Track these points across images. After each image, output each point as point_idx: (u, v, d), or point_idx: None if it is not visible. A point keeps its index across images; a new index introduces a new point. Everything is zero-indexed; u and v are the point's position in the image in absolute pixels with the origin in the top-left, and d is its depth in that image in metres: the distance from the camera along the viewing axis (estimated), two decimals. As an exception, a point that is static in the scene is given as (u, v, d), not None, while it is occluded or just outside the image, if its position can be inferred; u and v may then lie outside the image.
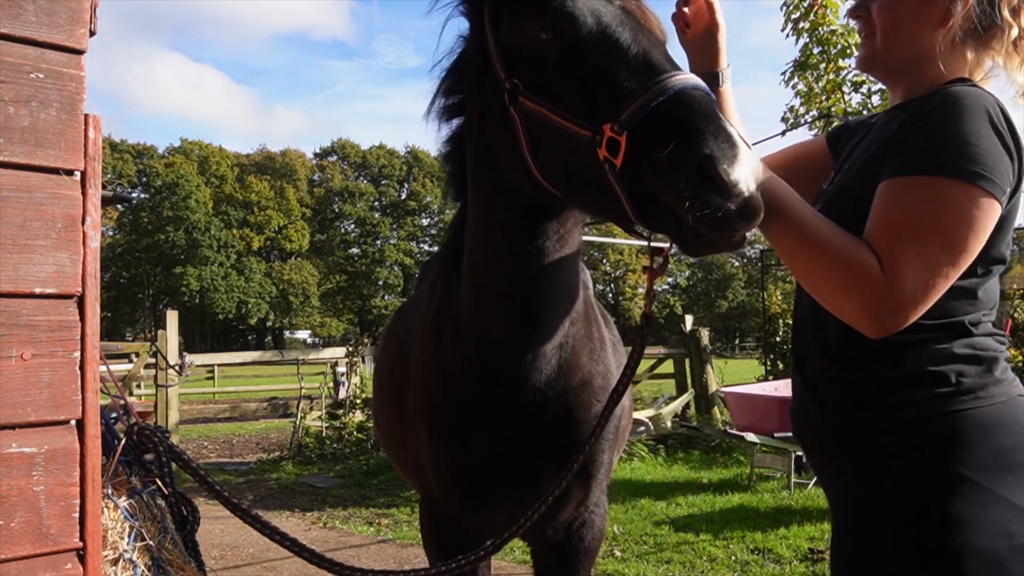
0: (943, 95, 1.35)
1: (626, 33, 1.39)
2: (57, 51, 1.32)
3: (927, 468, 1.34)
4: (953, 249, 1.27)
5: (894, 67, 1.50)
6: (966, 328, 1.37)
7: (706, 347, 10.68)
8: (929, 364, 1.36)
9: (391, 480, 8.07)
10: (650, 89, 1.28)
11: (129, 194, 51.54)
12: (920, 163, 1.30)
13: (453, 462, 1.93)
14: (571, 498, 2.00)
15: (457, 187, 1.89)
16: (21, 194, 1.28)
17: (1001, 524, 1.30)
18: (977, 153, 1.27)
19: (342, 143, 69.33)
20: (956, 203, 1.27)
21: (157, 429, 1.64)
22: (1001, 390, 1.37)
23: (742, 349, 43.01)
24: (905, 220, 1.28)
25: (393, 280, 66.13)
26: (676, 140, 1.21)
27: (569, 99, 1.41)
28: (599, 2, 1.43)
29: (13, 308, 1.27)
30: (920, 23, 1.42)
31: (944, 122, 1.31)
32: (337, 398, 10.75)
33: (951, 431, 1.34)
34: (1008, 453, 1.33)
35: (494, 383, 1.84)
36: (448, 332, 1.93)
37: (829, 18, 8.93)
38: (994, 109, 1.31)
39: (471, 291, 1.82)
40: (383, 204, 68.41)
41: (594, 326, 2.03)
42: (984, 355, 1.37)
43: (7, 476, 1.25)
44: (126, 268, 59.94)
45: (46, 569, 1.28)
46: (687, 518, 6.20)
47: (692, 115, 1.23)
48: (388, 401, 2.44)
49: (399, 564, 5.30)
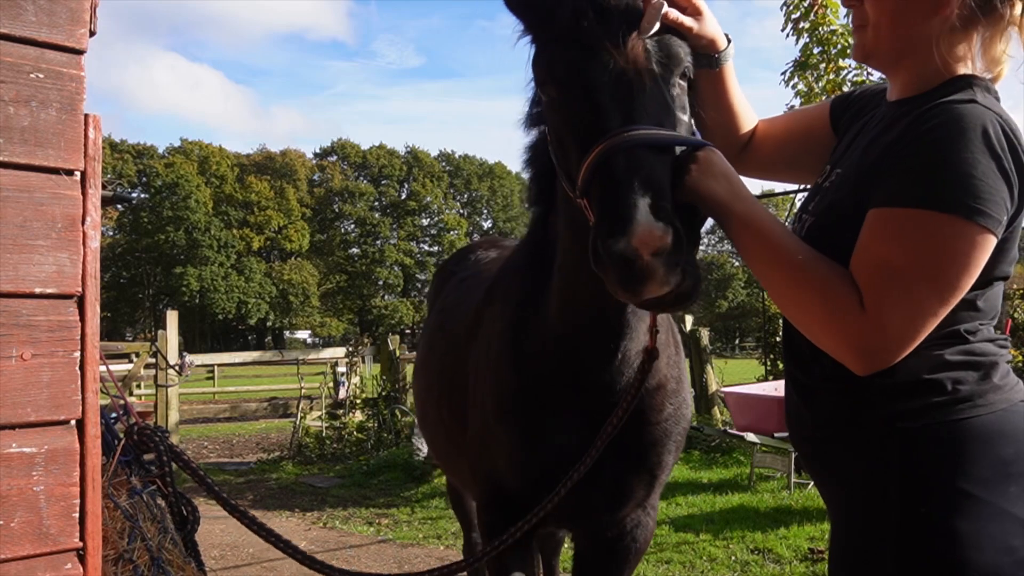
0: (943, 114, 1.27)
1: (591, 96, 1.41)
2: (57, 51, 1.32)
3: (924, 482, 1.29)
4: (941, 289, 1.23)
5: (888, 57, 1.44)
6: (962, 335, 1.33)
7: (706, 347, 10.67)
8: (924, 372, 1.31)
9: (391, 480, 8.07)
10: (590, 155, 1.35)
11: (129, 194, 51.50)
12: (911, 194, 1.24)
13: (532, 461, 1.94)
14: (634, 495, 2.02)
15: (539, 188, 1.89)
16: (21, 194, 1.28)
17: (1002, 539, 1.25)
18: (972, 184, 1.20)
19: (342, 143, 69.32)
20: (947, 240, 1.21)
21: (157, 429, 1.64)
22: (1001, 396, 1.31)
23: (742, 349, 43.00)
24: (892, 256, 1.23)
25: (393, 280, 66.12)
26: (599, 198, 1.31)
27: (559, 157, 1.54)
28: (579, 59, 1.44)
29: (13, 308, 1.27)
30: (912, 12, 1.36)
31: (940, 147, 1.24)
32: (337, 398, 10.74)
33: (949, 442, 1.29)
34: (1009, 463, 1.28)
35: (578, 386, 1.87)
36: (530, 335, 1.94)
37: (829, 18, 8.92)
38: (994, 128, 1.24)
39: (562, 296, 1.83)
40: (383, 204, 68.38)
41: (673, 329, 2.07)
42: (982, 360, 1.33)
43: (7, 476, 1.25)
44: (126, 268, 59.93)
45: (46, 569, 1.28)
46: (687, 518, 6.19)
47: (604, 185, 1.31)
48: (439, 400, 2.48)
49: (399, 564, 5.30)
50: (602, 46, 1.42)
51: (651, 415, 1.92)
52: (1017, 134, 1.26)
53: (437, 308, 3.02)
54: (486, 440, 2.07)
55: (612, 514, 2.04)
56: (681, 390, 2.02)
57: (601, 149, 1.33)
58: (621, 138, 1.32)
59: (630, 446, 1.90)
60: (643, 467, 1.97)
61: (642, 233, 1.21)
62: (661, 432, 1.94)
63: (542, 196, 1.88)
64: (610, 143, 1.32)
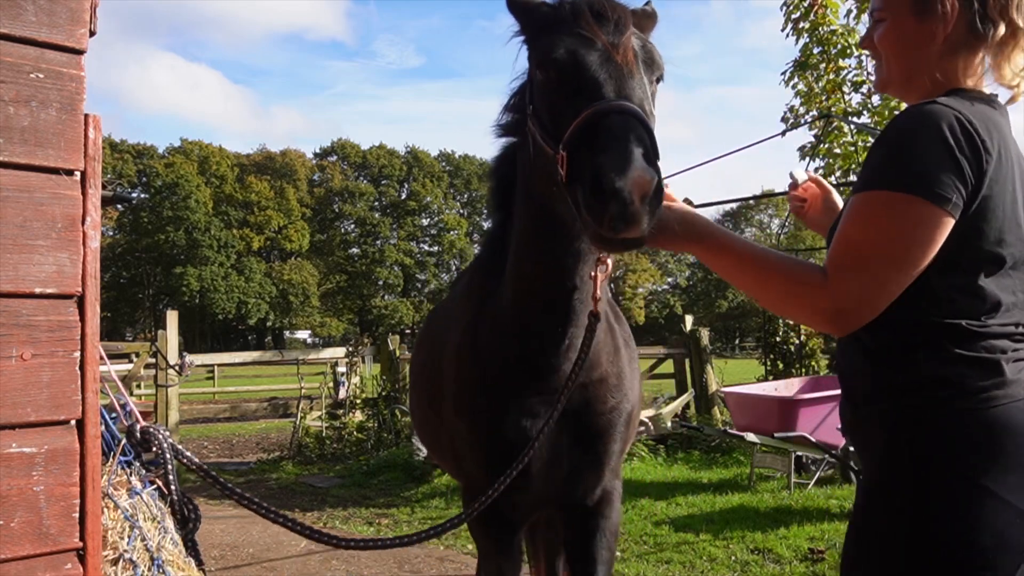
0: (904, 113, 1.47)
1: (588, 70, 1.65)
2: (57, 51, 1.32)
3: (930, 469, 1.40)
4: (896, 258, 1.38)
5: (900, 84, 1.63)
6: (965, 330, 1.41)
7: (706, 347, 10.68)
8: (933, 367, 1.41)
9: (391, 480, 8.07)
10: (581, 114, 1.56)
11: (129, 194, 51.49)
12: (871, 179, 1.44)
13: (491, 447, 2.15)
14: (588, 478, 2.25)
15: (499, 199, 2.18)
16: (21, 194, 1.28)
17: (999, 526, 1.35)
18: (923, 167, 1.37)
19: (342, 143, 69.28)
20: (899, 215, 1.38)
21: (158, 428, 1.64)
22: (1007, 392, 1.39)
23: (742, 349, 43.03)
24: (853, 232, 1.43)
25: (393, 280, 66.09)
26: (587, 150, 1.51)
27: (546, 124, 1.73)
28: (578, 45, 1.69)
29: (13, 308, 1.27)
30: (912, 44, 1.55)
31: (897, 138, 1.43)
32: (337, 398, 10.74)
33: (960, 432, 1.39)
34: (1010, 455, 1.37)
35: (531, 372, 2.10)
36: (487, 327, 2.18)
37: (829, 18, 8.92)
38: (949, 122, 1.38)
39: (516, 286, 2.07)
40: (383, 204, 68.35)
41: (614, 332, 2.30)
42: (989, 358, 1.40)
43: (7, 476, 1.25)
44: (126, 268, 59.92)
45: (46, 569, 1.28)
46: (687, 518, 6.19)
47: (602, 131, 1.51)
48: (424, 397, 2.68)
49: (399, 564, 5.31)
50: (597, 38, 1.68)
51: (596, 406, 2.18)
52: (975, 128, 1.39)
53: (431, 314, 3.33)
54: (455, 428, 2.29)
55: (573, 495, 2.27)
56: (623, 386, 2.26)
57: (597, 108, 1.55)
58: (619, 103, 1.56)
59: (581, 435, 2.17)
60: (593, 453, 2.21)
61: (638, 175, 1.41)
62: (606, 422, 2.20)
63: (502, 204, 2.16)
64: (604, 105, 1.56)
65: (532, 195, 1.95)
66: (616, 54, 1.66)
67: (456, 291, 2.73)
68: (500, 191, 2.16)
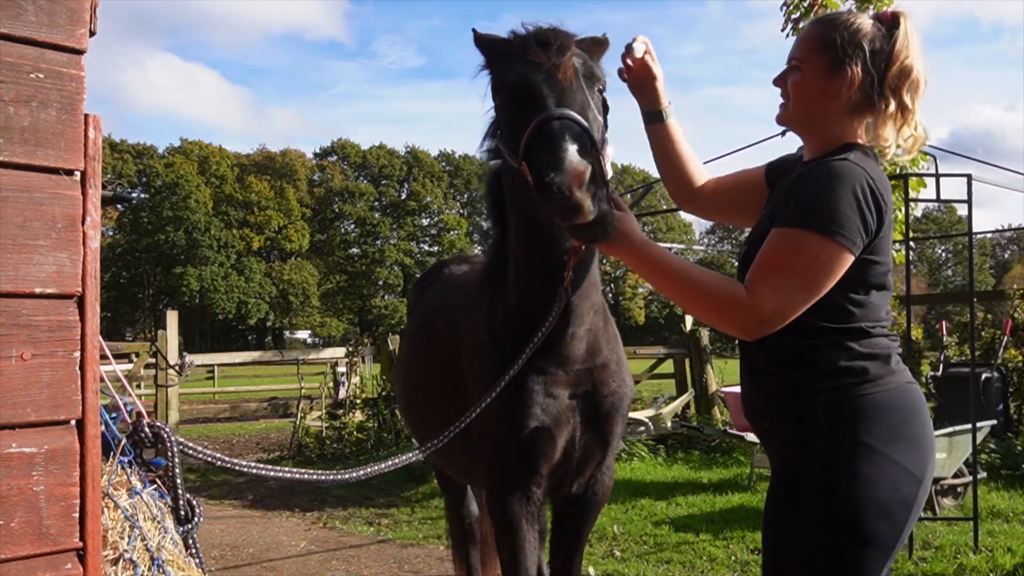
0: (823, 166, 1.77)
1: (532, 89, 1.94)
2: (57, 51, 1.33)
3: (839, 438, 1.75)
4: (807, 282, 1.70)
5: (801, 126, 1.94)
6: (864, 331, 1.78)
7: (706, 347, 10.67)
8: (844, 360, 1.77)
9: (391, 480, 8.08)
10: (528, 127, 1.84)
11: (129, 194, 51.48)
12: (794, 218, 1.74)
13: (516, 425, 2.36)
14: (595, 458, 2.52)
15: (495, 215, 2.43)
16: (21, 194, 1.29)
17: (893, 482, 1.71)
18: (837, 215, 1.69)
19: (342, 143, 69.24)
20: (811, 249, 1.70)
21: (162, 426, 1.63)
22: (894, 379, 1.79)
23: (742, 349, 42.91)
24: (773, 258, 1.74)
25: (393, 280, 66.06)
26: (534, 160, 1.78)
27: (507, 142, 2.01)
28: (524, 71, 1.98)
29: (13, 308, 1.27)
30: (820, 97, 1.85)
31: (817, 189, 1.73)
32: (337, 398, 10.74)
33: (857, 410, 1.75)
34: (899, 427, 1.75)
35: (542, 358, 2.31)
36: (500, 327, 2.43)
37: (829, 18, 8.90)
38: (859, 181, 1.71)
39: (518, 289, 2.34)
40: (383, 204, 68.31)
41: (609, 322, 2.57)
42: (881, 352, 1.79)
43: (7, 476, 1.25)
44: (126, 268, 59.89)
45: (46, 569, 1.28)
46: (687, 518, 6.20)
47: (538, 140, 1.80)
48: (427, 392, 2.99)
49: (399, 564, 5.31)
50: (543, 61, 1.97)
51: (602, 389, 2.44)
52: (877, 185, 1.73)
53: (418, 312, 3.58)
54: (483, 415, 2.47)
55: (580, 475, 2.54)
56: (620, 371, 2.53)
57: (541, 118, 1.83)
58: (557, 111, 1.85)
59: (590, 418, 2.43)
60: (600, 434, 2.47)
61: (571, 168, 1.67)
62: (610, 405, 2.46)
63: (499, 219, 2.41)
64: (547, 114, 1.84)
65: (515, 207, 2.23)
66: (558, 72, 1.96)
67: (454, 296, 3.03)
68: (495, 208, 2.42)
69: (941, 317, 11.02)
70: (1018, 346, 8.45)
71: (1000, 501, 6.30)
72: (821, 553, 1.75)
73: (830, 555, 1.74)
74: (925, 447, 1.77)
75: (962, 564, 4.72)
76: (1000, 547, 5.02)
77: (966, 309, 6.92)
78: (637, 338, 57.38)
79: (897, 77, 1.80)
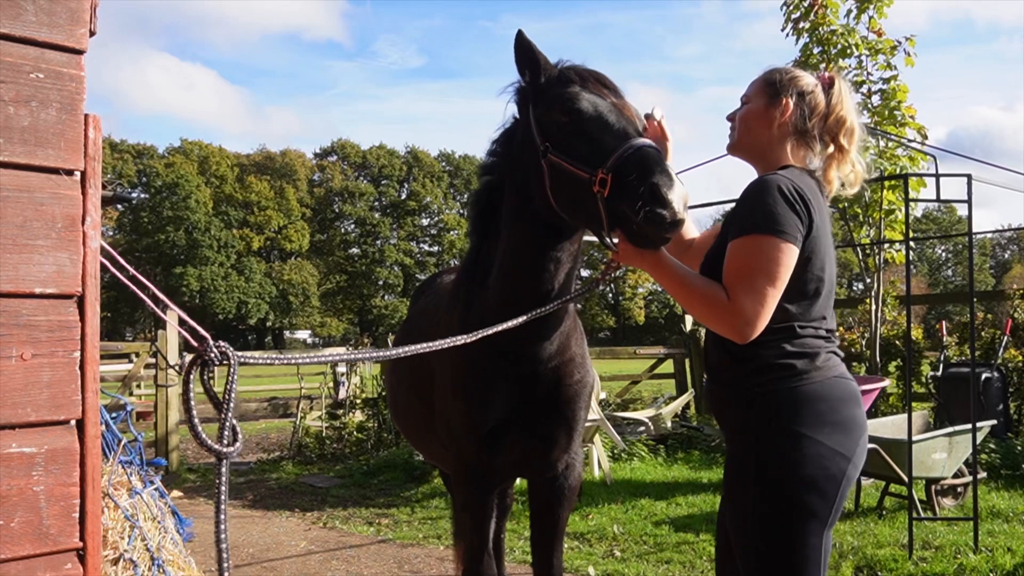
0: (752, 183, 2.10)
1: (611, 116, 2.23)
2: (57, 51, 1.33)
3: (774, 424, 2.04)
4: (770, 277, 1.96)
5: (745, 150, 2.28)
6: (796, 332, 2.06)
7: (706, 347, 10.66)
8: (774, 358, 2.05)
9: (391, 480, 8.07)
10: (624, 146, 2.09)
11: (129, 194, 51.45)
12: (741, 229, 2.03)
13: (481, 420, 2.63)
14: (560, 441, 2.74)
15: (480, 226, 2.67)
16: (21, 194, 1.29)
17: (820, 460, 2.00)
18: (774, 215, 1.98)
19: (342, 143, 69.18)
20: (765, 249, 1.97)
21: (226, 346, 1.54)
22: (821, 374, 2.07)
23: (742, 349, 42.86)
24: (738, 265, 2.00)
25: (393, 280, 66.04)
26: (639, 173, 2.02)
27: (577, 155, 2.20)
28: (597, 99, 2.27)
29: (13, 308, 1.27)
30: (759, 126, 2.22)
31: (753, 198, 2.04)
32: (337, 398, 10.74)
33: (789, 400, 2.04)
34: (824, 414, 2.03)
35: (513, 360, 2.57)
36: (475, 319, 2.55)
37: (829, 18, 8.92)
38: (786, 185, 2.02)
39: (502, 292, 2.53)
40: (383, 204, 68.27)
41: (578, 322, 2.84)
42: (810, 351, 2.07)
43: (7, 476, 1.25)
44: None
45: (46, 569, 1.28)
46: (687, 518, 6.19)
47: (648, 161, 2.04)
48: (410, 390, 3.20)
49: (399, 564, 5.31)
50: (608, 97, 2.30)
51: (566, 379, 2.67)
52: (800, 187, 2.04)
53: (408, 316, 3.98)
54: (451, 409, 2.74)
55: (546, 457, 2.76)
56: (585, 364, 2.78)
57: (641, 141, 2.11)
58: (647, 141, 2.13)
59: (554, 403, 2.65)
60: (563, 418, 2.69)
61: (682, 190, 2.00)
62: (573, 392, 2.69)
63: (481, 230, 2.67)
64: (640, 140, 2.12)
65: (529, 214, 2.40)
66: (625, 110, 2.29)
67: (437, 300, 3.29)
68: (483, 218, 2.66)
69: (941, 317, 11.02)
70: (1018, 346, 8.45)
71: (1000, 501, 6.30)
72: (764, 530, 2.04)
73: (772, 530, 2.03)
74: (852, 430, 2.06)
75: (962, 564, 4.71)
76: (1000, 547, 5.02)
77: (966, 309, 6.91)
78: (637, 338, 57.35)
79: (835, 125, 2.20)
